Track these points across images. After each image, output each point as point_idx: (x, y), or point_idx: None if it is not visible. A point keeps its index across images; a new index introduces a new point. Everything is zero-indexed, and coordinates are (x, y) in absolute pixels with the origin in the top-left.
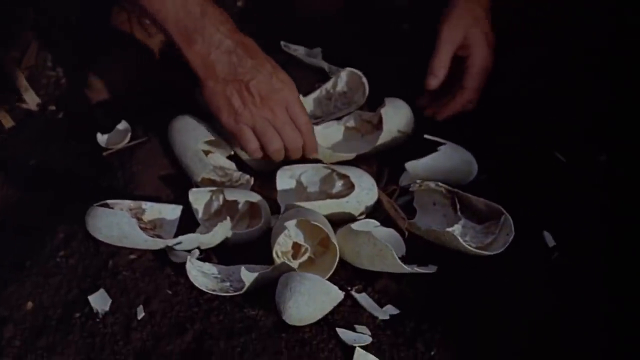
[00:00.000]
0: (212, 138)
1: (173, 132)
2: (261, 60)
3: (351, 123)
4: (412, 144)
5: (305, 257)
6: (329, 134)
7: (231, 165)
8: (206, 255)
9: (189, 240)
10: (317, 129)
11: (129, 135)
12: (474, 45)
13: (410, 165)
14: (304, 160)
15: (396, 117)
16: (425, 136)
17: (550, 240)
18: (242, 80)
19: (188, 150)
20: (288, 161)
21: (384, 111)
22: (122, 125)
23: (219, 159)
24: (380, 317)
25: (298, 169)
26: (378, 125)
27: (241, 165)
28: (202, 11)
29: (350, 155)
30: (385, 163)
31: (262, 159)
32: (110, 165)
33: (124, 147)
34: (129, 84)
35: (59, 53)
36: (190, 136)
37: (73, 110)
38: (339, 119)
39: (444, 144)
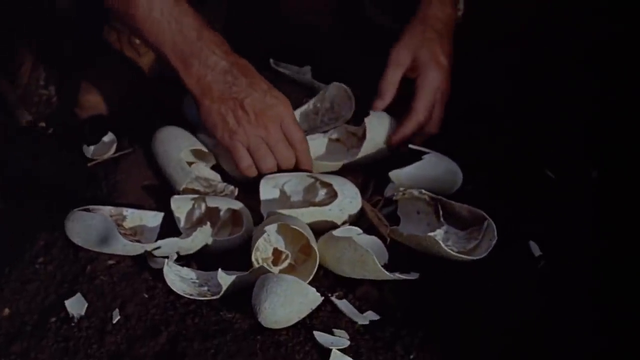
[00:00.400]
0: (196, 148)
1: (156, 142)
2: (256, 80)
3: (336, 136)
4: (399, 157)
5: (285, 264)
6: (313, 146)
7: (216, 176)
8: (186, 262)
9: (168, 245)
10: None
11: (115, 146)
12: (421, 66)
13: (393, 174)
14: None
15: (380, 128)
16: (410, 146)
17: (536, 250)
18: (237, 98)
19: (171, 160)
20: None
21: (368, 121)
22: (108, 137)
23: (203, 169)
24: (360, 322)
25: (281, 178)
26: (363, 138)
27: (225, 176)
28: (198, 35)
29: (336, 166)
30: (371, 175)
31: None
32: (95, 175)
33: (108, 158)
34: (119, 101)
35: (52, 72)
36: (173, 146)
37: (63, 127)
38: (324, 131)
39: (429, 153)
